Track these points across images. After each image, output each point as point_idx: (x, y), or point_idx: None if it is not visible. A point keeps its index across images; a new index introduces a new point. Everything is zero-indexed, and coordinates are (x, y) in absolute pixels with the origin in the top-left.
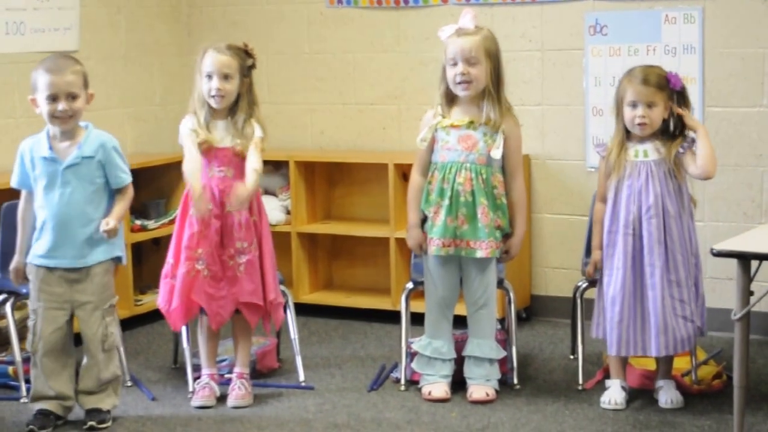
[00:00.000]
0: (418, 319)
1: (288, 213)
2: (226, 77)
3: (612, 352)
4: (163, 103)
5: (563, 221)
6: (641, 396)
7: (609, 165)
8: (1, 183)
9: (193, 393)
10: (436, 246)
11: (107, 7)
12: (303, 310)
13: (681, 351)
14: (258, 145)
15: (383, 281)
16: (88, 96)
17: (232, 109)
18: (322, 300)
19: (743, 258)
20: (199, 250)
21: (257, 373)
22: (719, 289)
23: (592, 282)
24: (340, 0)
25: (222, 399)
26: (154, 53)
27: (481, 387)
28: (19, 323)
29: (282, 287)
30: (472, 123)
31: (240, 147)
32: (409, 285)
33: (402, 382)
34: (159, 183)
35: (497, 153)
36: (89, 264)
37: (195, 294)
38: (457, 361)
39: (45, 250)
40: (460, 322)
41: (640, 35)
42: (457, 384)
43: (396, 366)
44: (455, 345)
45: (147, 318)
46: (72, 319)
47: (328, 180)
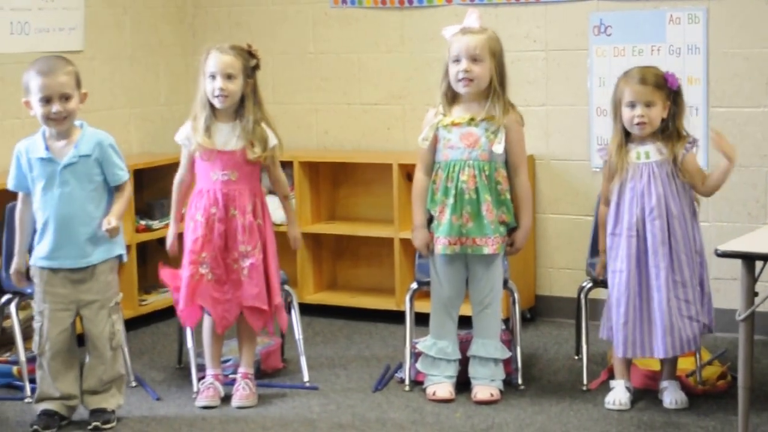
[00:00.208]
0: (422, 320)
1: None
2: (229, 77)
3: (619, 353)
4: (168, 104)
5: (568, 221)
6: (646, 396)
7: (611, 168)
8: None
9: (198, 393)
10: (442, 245)
11: (112, 8)
12: (307, 310)
13: (687, 351)
14: (278, 159)
15: (388, 281)
16: (81, 96)
17: (238, 111)
18: (326, 300)
19: (748, 258)
20: (203, 254)
21: (262, 374)
22: (724, 290)
23: (596, 282)
24: (344, 0)
25: (226, 399)
26: (159, 53)
27: (486, 387)
28: (24, 323)
29: (286, 287)
30: (472, 120)
31: (253, 155)
32: (414, 285)
33: (406, 382)
34: (164, 183)
35: (499, 148)
36: (93, 263)
37: (200, 298)
38: (462, 362)
39: (47, 251)
40: (464, 322)
41: (644, 35)
42: (462, 384)
43: (400, 366)
44: (460, 345)
45: (151, 318)
46: (76, 320)
47: (332, 180)
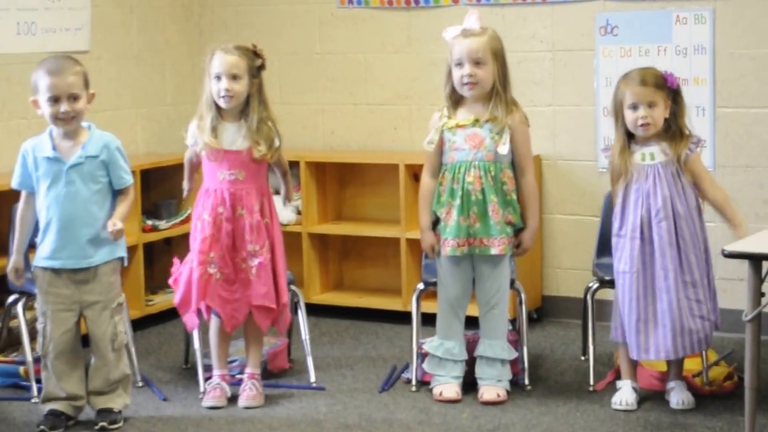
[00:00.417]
0: (428, 320)
1: (299, 213)
2: (234, 78)
3: (633, 355)
4: (175, 103)
5: (574, 222)
6: (652, 397)
7: (614, 171)
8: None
9: (204, 393)
10: (450, 247)
11: (119, 8)
12: (314, 310)
13: (699, 351)
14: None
15: (394, 282)
16: (89, 96)
17: (243, 111)
18: (332, 300)
19: (754, 259)
20: (212, 253)
21: (268, 374)
22: (730, 290)
23: (603, 283)
24: (351, 0)
25: (233, 399)
26: (165, 53)
27: (493, 388)
28: (30, 323)
29: (293, 287)
30: (477, 121)
31: (259, 154)
32: (420, 286)
33: (413, 382)
34: (170, 183)
35: (504, 149)
36: (95, 264)
37: (209, 298)
38: (469, 362)
39: (50, 251)
40: (471, 322)
41: (650, 36)
42: (469, 385)
43: (407, 367)
44: (467, 345)
45: (158, 318)
46: (80, 320)
47: (338, 180)
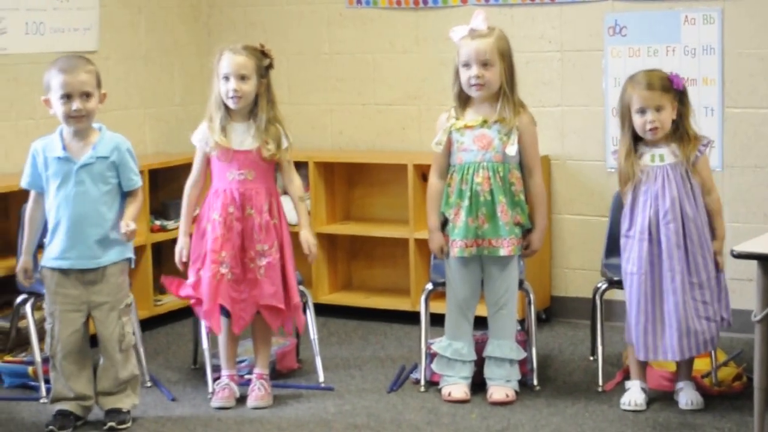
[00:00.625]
0: (437, 320)
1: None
2: (243, 78)
3: (639, 356)
4: (183, 104)
5: (583, 222)
6: (661, 397)
7: (621, 174)
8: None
9: (213, 394)
10: (459, 248)
11: (127, 8)
12: (322, 310)
13: (704, 352)
14: (291, 160)
15: (402, 282)
16: (101, 96)
17: (252, 111)
18: (341, 301)
19: (764, 259)
20: (223, 253)
21: (277, 374)
22: (739, 291)
23: (611, 283)
24: (359, 1)
25: (241, 400)
26: (173, 53)
27: (501, 388)
28: (39, 324)
29: (301, 288)
30: (485, 122)
31: (268, 153)
32: (429, 286)
33: (422, 383)
34: (179, 183)
35: (512, 150)
36: (103, 264)
37: (221, 298)
38: (477, 362)
39: (59, 251)
40: (480, 323)
41: (659, 36)
42: (477, 385)
43: (416, 367)
44: (475, 346)
45: (166, 318)
46: (88, 321)
47: (347, 180)
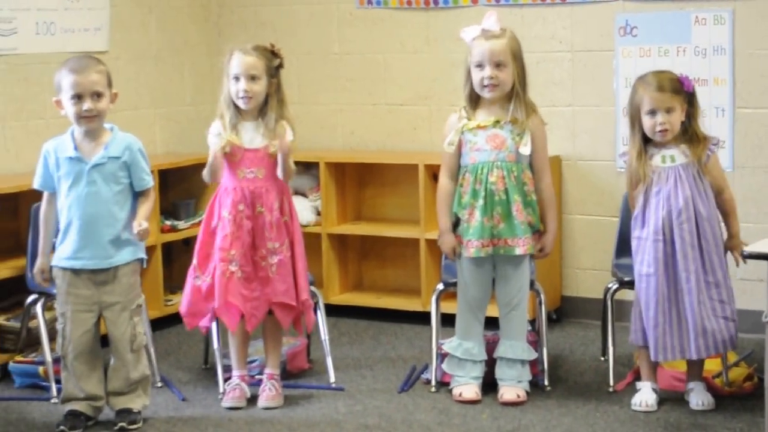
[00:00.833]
0: (448, 321)
1: (318, 214)
2: (253, 78)
3: (653, 357)
4: (194, 104)
5: (594, 222)
6: (672, 398)
7: (632, 176)
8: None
9: (224, 394)
10: (475, 248)
11: (137, 8)
12: (333, 311)
13: (723, 351)
14: (292, 151)
15: (413, 282)
16: (112, 95)
17: (261, 110)
18: (352, 301)
19: None
20: (233, 251)
21: (288, 374)
22: (750, 291)
23: (622, 283)
24: (369, 1)
25: (252, 400)
26: (184, 53)
27: (512, 388)
28: (50, 324)
29: (312, 288)
30: (498, 122)
31: (274, 149)
32: (440, 286)
33: (433, 383)
34: (189, 183)
35: (526, 150)
36: (115, 264)
37: (231, 296)
38: (488, 363)
39: (71, 251)
40: (490, 323)
41: (670, 36)
42: (488, 385)
43: (426, 367)
44: (486, 346)
45: (177, 318)
46: (99, 321)
47: (358, 181)
